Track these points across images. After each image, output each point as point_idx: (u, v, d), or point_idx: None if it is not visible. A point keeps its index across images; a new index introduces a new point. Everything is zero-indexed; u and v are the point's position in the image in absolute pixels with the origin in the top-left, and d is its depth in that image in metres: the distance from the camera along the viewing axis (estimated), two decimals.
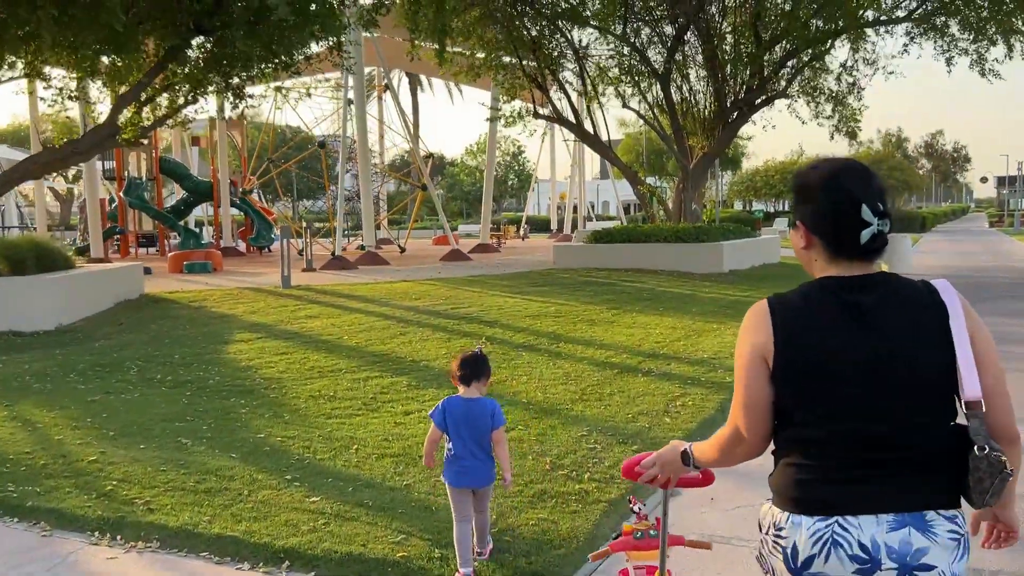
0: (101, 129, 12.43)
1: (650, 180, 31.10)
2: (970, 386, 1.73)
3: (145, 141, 13.49)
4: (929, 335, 1.75)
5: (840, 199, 1.80)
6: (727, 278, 17.22)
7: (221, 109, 14.12)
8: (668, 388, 7.47)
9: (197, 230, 40.85)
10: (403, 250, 28.15)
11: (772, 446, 1.90)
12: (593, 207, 59.22)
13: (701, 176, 21.34)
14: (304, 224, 21.67)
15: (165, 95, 12.91)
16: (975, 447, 1.69)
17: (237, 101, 13.98)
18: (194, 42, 12.76)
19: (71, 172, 56.13)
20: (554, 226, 45.54)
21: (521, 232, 43.13)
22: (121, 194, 30.37)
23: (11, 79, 12.83)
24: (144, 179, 31.12)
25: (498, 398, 6.93)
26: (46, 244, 12.88)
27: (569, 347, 9.51)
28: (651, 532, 2.71)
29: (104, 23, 9.87)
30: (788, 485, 1.81)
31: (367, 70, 33.90)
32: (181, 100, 13.11)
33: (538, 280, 16.82)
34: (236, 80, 13.73)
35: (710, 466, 2.11)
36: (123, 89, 12.34)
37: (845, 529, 1.71)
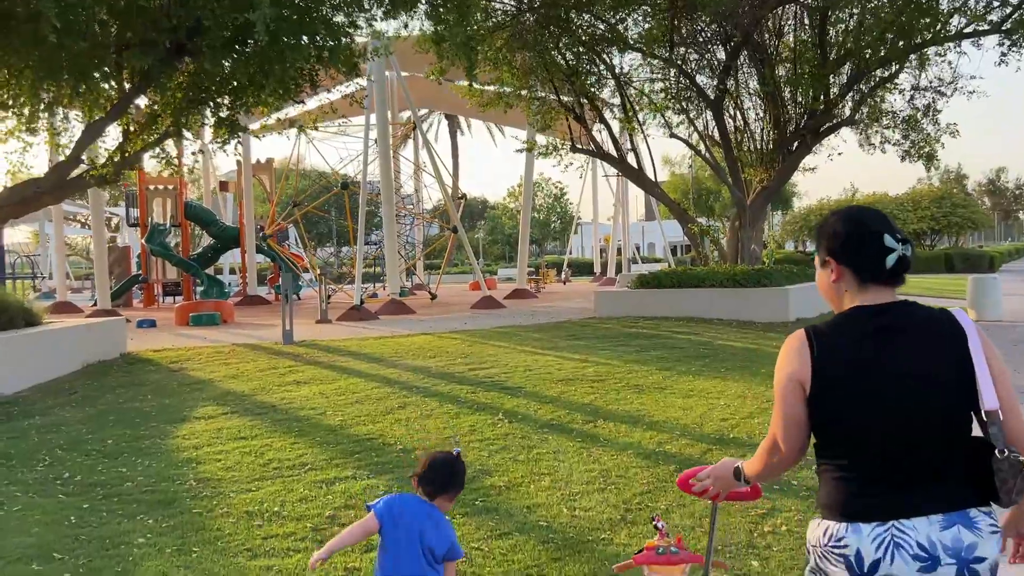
0: (65, 165, 10.73)
1: (701, 220, 28.84)
2: (988, 398, 1.93)
3: (118, 180, 11.65)
4: (950, 354, 1.97)
5: (864, 231, 2.06)
6: (795, 328, 14.83)
7: (224, 143, 12.18)
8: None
9: (223, 279, 39.78)
10: (434, 297, 26.26)
11: (818, 464, 2.07)
12: (639, 249, 56.99)
13: (760, 212, 19.09)
14: (320, 271, 19.82)
15: (133, 137, 11.17)
16: (996, 451, 1.88)
17: (229, 136, 12.25)
18: (175, 66, 11.08)
19: (113, 221, 56.04)
20: (597, 269, 43.41)
21: (562, 276, 41.06)
22: (143, 241, 29.20)
23: None
24: (168, 225, 29.90)
25: (507, 517, 4.89)
26: (2, 298, 11.17)
27: (609, 428, 7.33)
28: (672, 549, 2.83)
29: (42, 40, 8.15)
30: (841, 498, 1.97)
31: (403, 114, 32.58)
32: (160, 132, 11.36)
33: (576, 332, 14.68)
34: (226, 111, 12.03)
35: (756, 480, 2.31)
36: (89, 120, 10.63)
37: (902, 532, 1.87)
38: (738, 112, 19.95)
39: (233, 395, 9.31)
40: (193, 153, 25.88)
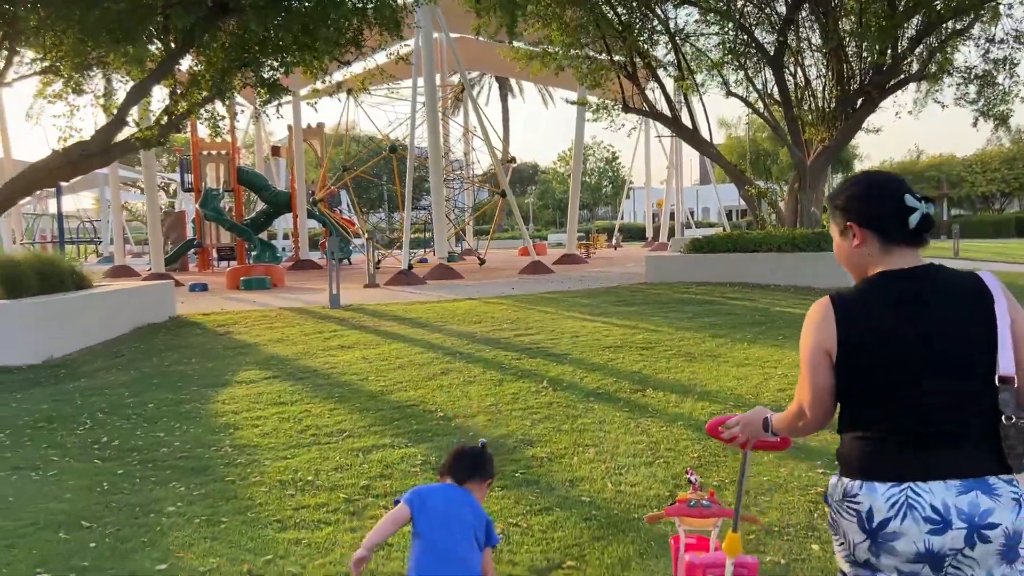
0: (110, 127, 10.68)
1: (758, 182, 27.95)
2: (1005, 362, 1.91)
3: (163, 142, 11.59)
4: (976, 318, 1.93)
5: (884, 193, 2.04)
6: None
7: (265, 103, 12.02)
8: (809, 477, 4.91)
9: (277, 243, 40.14)
10: (482, 262, 26.04)
11: (839, 423, 2.07)
12: (693, 214, 55.88)
13: (820, 174, 18.30)
14: (367, 235, 19.72)
15: (178, 101, 11.05)
16: (1003, 416, 1.89)
17: (271, 97, 12.07)
18: (218, 26, 10.90)
19: (171, 187, 56.93)
20: (649, 234, 42.71)
21: (613, 241, 40.48)
22: (197, 206, 29.53)
23: (20, 77, 11.27)
24: (221, 190, 30.16)
25: (547, 491, 4.64)
26: (53, 261, 11.26)
27: (659, 398, 7.00)
28: (704, 503, 2.85)
29: (86, 1, 8.01)
30: (859, 457, 1.98)
31: (453, 77, 32.17)
32: (204, 94, 11.23)
33: (626, 298, 14.30)
34: (269, 72, 11.85)
35: (782, 435, 2.32)
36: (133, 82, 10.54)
37: (917, 494, 1.87)
38: (799, 69, 19.07)
39: (276, 359, 9.22)
40: (241, 112, 25.91)
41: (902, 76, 17.57)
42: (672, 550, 3.07)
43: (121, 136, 11.26)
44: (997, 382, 1.93)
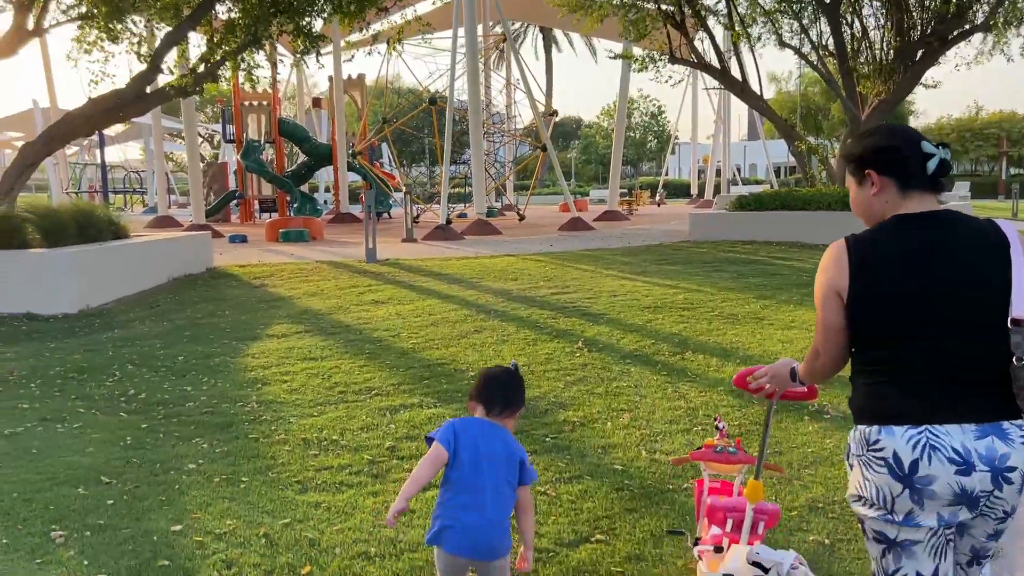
0: (145, 75, 10.54)
1: (809, 138, 27.06)
2: (1018, 305, 1.89)
3: (199, 91, 11.43)
4: (992, 262, 1.93)
5: (901, 141, 2.05)
6: None
7: (303, 53, 11.78)
8: None
9: (319, 196, 40.18)
10: (522, 218, 25.73)
11: (852, 372, 2.08)
12: (739, 170, 54.69)
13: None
14: (406, 189, 19.53)
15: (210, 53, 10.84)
16: (1015, 358, 1.88)
17: (308, 47, 11.81)
18: None
19: (215, 139, 57.26)
20: (694, 191, 41.88)
21: (657, 198, 39.78)
22: (239, 157, 29.58)
23: (57, 24, 11.16)
24: (262, 142, 30.15)
25: (578, 458, 4.45)
26: (92, 211, 11.26)
27: (699, 361, 6.73)
28: (730, 449, 2.92)
29: None
30: (874, 402, 1.98)
31: (496, 28, 31.49)
32: (239, 42, 11.01)
33: (667, 256, 13.93)
34: (306, 20, 11.57)
35: (807, 382, 2.33)
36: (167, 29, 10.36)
37: (937, 436, 1.87)
38: (856, 19, 18.20)
39: (310, 313, 9.12)
40: (282, 63, 25.70)
41: (966, 26, 16.67)
42: (695, 493, 3.13)
43: (158, 85, 11.12)
44: (1010, 324, 1.91)
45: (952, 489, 1.88)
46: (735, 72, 18.42)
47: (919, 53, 16.89)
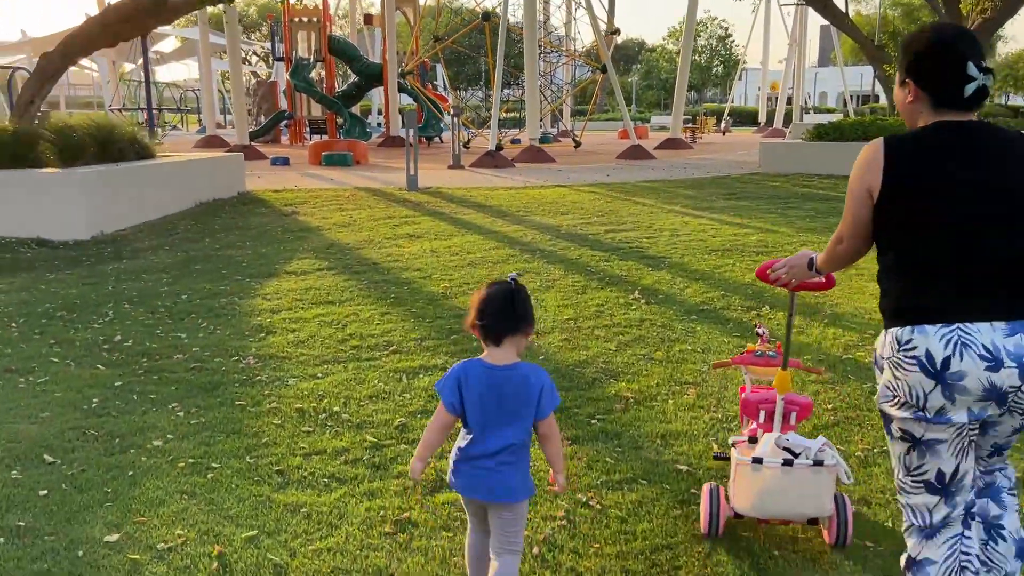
0: None
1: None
2: None
3: (228, 1, 10.40)
4: (1021, 168, 1.96)
5: (949, 57, 2.00)
6: None
7: None
8: None
9: (372, 119, 39.19)
10: (578, 144, 24.41)
11: (884, 277, 2.09)
12: (809, 98, 51.81)
13: None
14: (452, 111, 18.37)
15: None
16: None
17: None
18: None
19: (272, 58, 56.20)
20: (762, 119, 39.69)
21: (722, 125, 37.77)
22: (288, 76, 28.65)
23: None
24: (312, 60, 29.12)
25: (632, 451, 3.59)
26: (113, 128, 10.47)
27: (778, 319, 5.67)
28: (770, 353, 3.01)
29: None
30: (906, 302, 2.00)
31: None
32: None
33: (735, 190, 12.68)
34: None
35: (825, 269, 2.40)
36: None
37: (968, 333, 1.90)
38: None
39: (337, 247, 8.26)
40: None
41: None
42: (741, 400, 3.11)
43: None
44: None
45: (982, 385, 1.91)
46: None
47: None
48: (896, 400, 2.01)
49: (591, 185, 13.44)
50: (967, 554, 2.09)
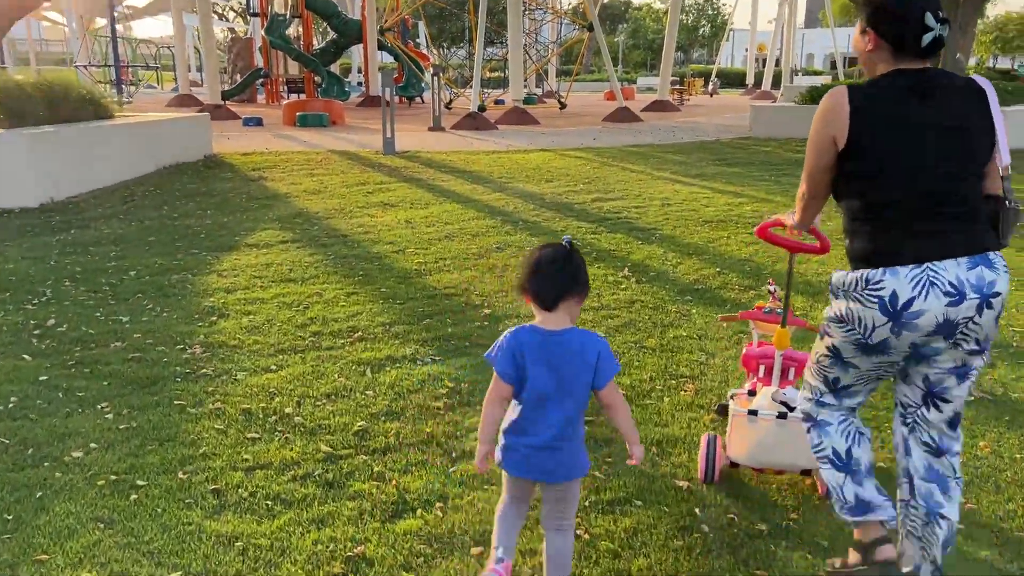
0: None
1: None
2: (1005, 156, 2.14)
3: None
4: (977, 113, 2.09)
5: (908, 7, 2.09)
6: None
7: None
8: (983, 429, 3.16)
9: (352, 78, 38.13)
10: (563, 106, 23.74)
11: (851, 223, 2.16)
12: (796, 60, 51.04)
13: (975, 12, 15.19)
14: (433, 70, 17.65)
15: None
16: (1008, 201, 2.13)
17: None
18: None
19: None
20: (750, 81, 38.98)
21: (709, 87, 37.08)
22: (264, 33, 27.64)
23: None
24: (288, 16, 28.08)
25: (621, 460, 3.11)
26: (68, 85, 9.77)
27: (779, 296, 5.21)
28: (778, 311, 3.05)
29: None
30: (878, 245, 2.08)
31: None
32: None
33: (727, 155, 12.17)
34: None
35: (800, 226, 2.46)
36: None
37: (936, 272, 2.02)
38: None
39: (304, 217, 7.70)
40: None
41: None
42: (742, 355, 3.15)
43: None
44: (1002, 172, 2.14)
45: (936, 320, 2.02)
46: None
47: None
48: (844, 326, 2.14)
49: (577, 149, 12.88)
50: (856, 422, 2.35)
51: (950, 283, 2.00)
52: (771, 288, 3.31)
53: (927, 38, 2.06)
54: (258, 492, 2.94)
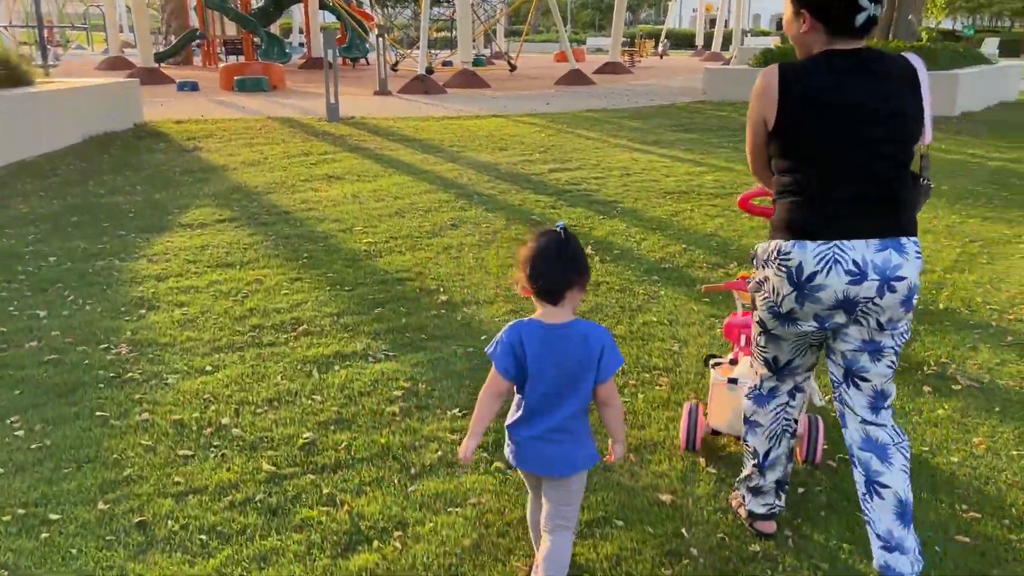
0: None
1: None
2: (928, 135, 2.17)
3: None
4: (906, 92, 2.11)
5: None
6: (964, 126, 11.73)
7: None
8: (953, 408, 2.97)
9: (294, 39, 36.86)
10: (513, 68, 23.21)
11: (777, 194, 2.23)
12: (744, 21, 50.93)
13: None
14: (378, 30, 16.97)
15: None
16: (923, 179, 2.19)
17: None
18: None
19: None
20: (699, 42, 38.75)
21: (659, 48, 36.76)
22: None
23: None
24: None
25: (599, 475, 2.86)
26: None
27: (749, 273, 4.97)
28: None
29: None
30: (793, 218, 2.15)
31: None
32: None
33: (684, 121, 11.91)
34: None
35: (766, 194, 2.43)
36: None
37: (842, 251, 2.08)
38: None
39: (242, 192, 7.22)
40: None
41: None
42: (725, 324, 3.16)
43: None
44: (921, 150, 2.19)
45: (836, 297, 2.09)
46: None
47: None
48: (762, 294, 2.24)
49: (530, 115, 12.48)
50: (788, 419, 2.43)
51: (854, 262, 2.05)
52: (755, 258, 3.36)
53: (860, 18, 2.08)
54: (190, 524, 2.59)
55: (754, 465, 2.50)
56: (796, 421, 2.48)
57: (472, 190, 7.22)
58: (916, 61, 2.15)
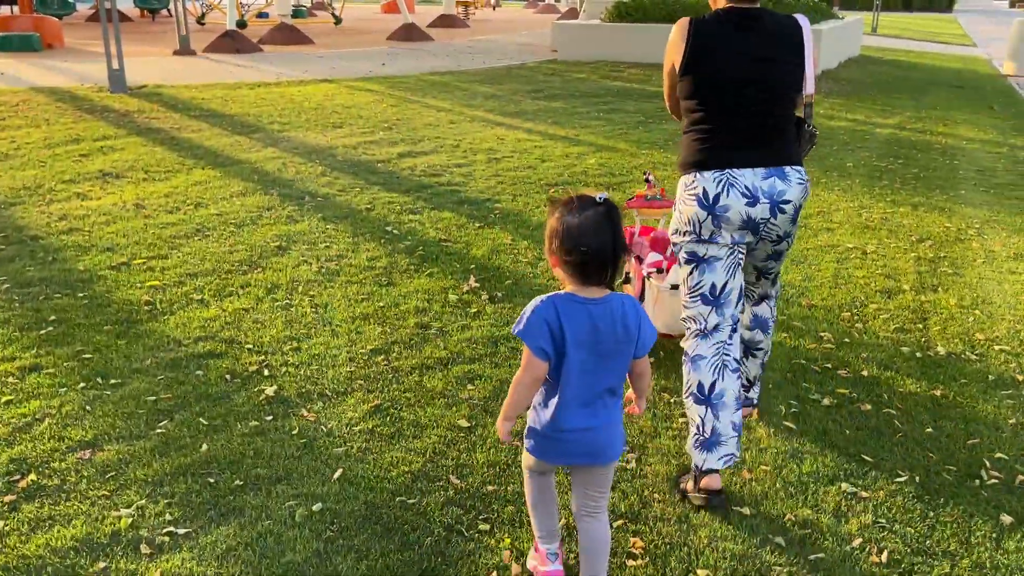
0: None
1: None
2: (810, 86, 2.52)
3: None
4: (793, 47, 2.45)
5: None
6: (833, 87, 11.15)
7: None
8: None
9: None
10: (338, 21, 20.99)
11: (684, 134, 2.52)
12: None
13: None
14: None
15: None
16: (807, 124, 2.56)
17: None
18: None
19: None
20: None
21: (492, 0, 35.22)
22: None
23: None
24: None
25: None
26: None
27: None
28: (658, 196, 3.54)
29: None
30: (693, 153, 2.46)
31: None
32: None
33: (541, 85, 10.57)
34: None
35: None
36: None
37: (734, 177, 2.40)
38: None
39: None
40: None
41: None
42: (627, 235, 3.06)
43: None
44: (806, 99, 2.54)
45: (741, 217, 2.40)
46: None
47: None
48: (681, 231, 2.49)
49: (366, 79, 10.70)
50: (728, 355, 2.51)
51: (746, 187, 2.39)
52: (648, 178, 3.60)
53: None
54: None
55: (699, 403, 2.47)
56: (739, 362, 2.54)
57: (302, 189, 5.54)
58: (803, 20, 2.49)
